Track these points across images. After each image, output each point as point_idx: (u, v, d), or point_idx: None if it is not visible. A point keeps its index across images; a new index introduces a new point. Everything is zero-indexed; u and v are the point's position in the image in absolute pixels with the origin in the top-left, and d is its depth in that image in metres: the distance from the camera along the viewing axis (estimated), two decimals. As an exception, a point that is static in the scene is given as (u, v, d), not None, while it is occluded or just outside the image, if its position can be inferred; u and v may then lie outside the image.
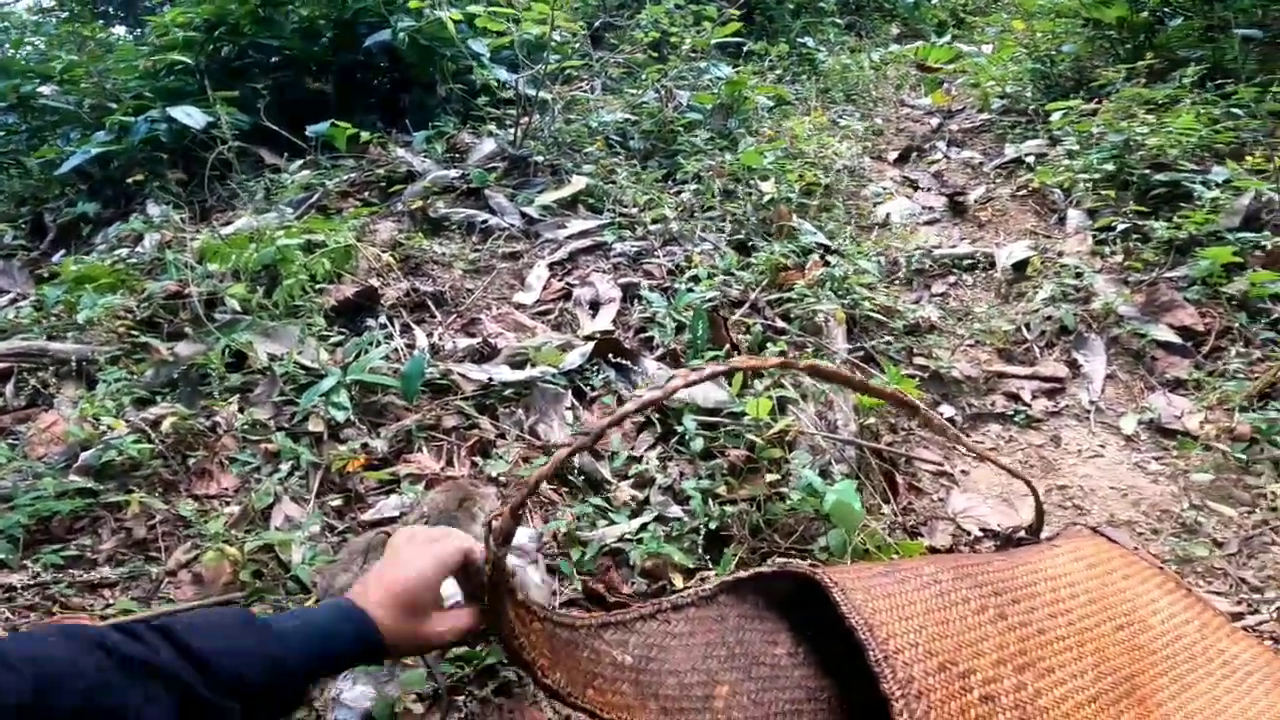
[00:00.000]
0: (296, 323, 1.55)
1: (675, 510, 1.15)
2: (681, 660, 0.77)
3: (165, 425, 1.31)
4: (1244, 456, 1.37)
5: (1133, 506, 1.36)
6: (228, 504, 1.24)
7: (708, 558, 1.10)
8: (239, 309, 1.61)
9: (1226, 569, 1.22)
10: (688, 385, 0.66)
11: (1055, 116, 2.39)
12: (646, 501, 1.17)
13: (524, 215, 1.94)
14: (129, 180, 2.61)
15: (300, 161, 2.43)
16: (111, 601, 1.07)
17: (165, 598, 1.08)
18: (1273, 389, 1.50)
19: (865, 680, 0.69)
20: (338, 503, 1.22)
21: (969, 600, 0.80)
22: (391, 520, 1.18)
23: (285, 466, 1.26)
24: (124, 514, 1.20)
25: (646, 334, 1.44)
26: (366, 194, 2.22)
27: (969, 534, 1.26)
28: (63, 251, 2.64)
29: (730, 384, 1.26)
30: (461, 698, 0.91)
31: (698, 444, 1.20)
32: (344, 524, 1.19)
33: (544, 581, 1.06)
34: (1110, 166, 2.00)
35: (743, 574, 0.84)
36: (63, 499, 1.16)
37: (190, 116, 2.36)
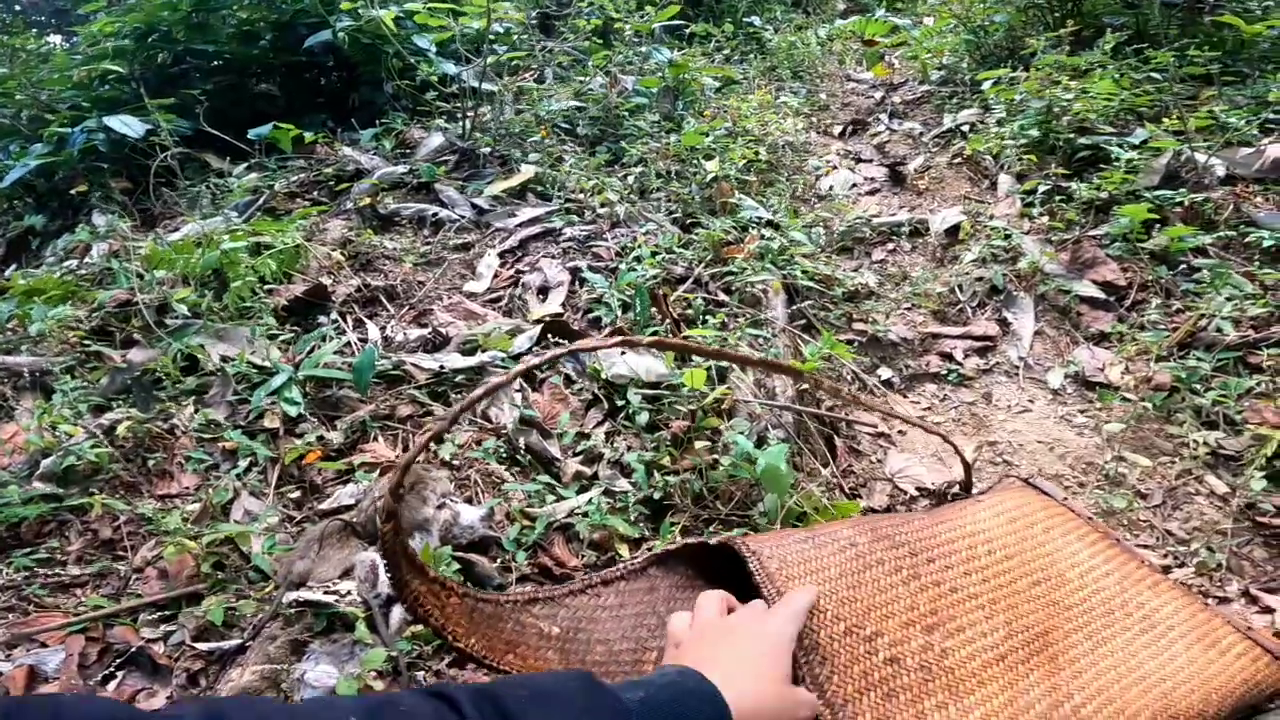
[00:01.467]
0: (247, 324, 1.56)
1: (622, 483, 1.20)
2: (611, 630, 0.80)
3: (121, 429, 1.33)
4: (1164, 406, 1.42)
5: (1059, 460, 1.42)
6: (189, 502, 1.27)
7: (652, 527, 1.15)
8: (189, 313, 1.62)
9: (1152, 521, 1.26)
10: (515, 377, 0.70)
11: (986, 85, 2.46)
12: (595, 476, 1.22)
13: (474, 206, 1.96)
14: (73, 191, 2.57)
15: (245, 165, 2.41)
16: (83, 599, 1.10)
17: (134, 593, 1.11)
18: (1192, 339, 1.57)
19: None
20: (296, 495, 1.26)
21: (884, 562, 0.82)
22: (348, 508, 1.21)
23: (243, 463, 1.29)
24: (89, 516, 1.23)
25: (593, 314, 1.48)
26: (315, 194, 2.22)
27: (905, 493, 1.32)
28: (13, 265, 2.61)
29: (664, 357, 1.31)
30: (421, 673, 0.96)
31: (642, 417, 1.25)
32: (302, 514, 1.22)
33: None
34: (1035, 132, 2.08)
35: (671, 546, 0.86)
36: (29, 504, 1.19)
37: (127, 125, 2.33)
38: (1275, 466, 1.29)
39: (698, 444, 1.18)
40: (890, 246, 1.91)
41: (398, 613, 1.01)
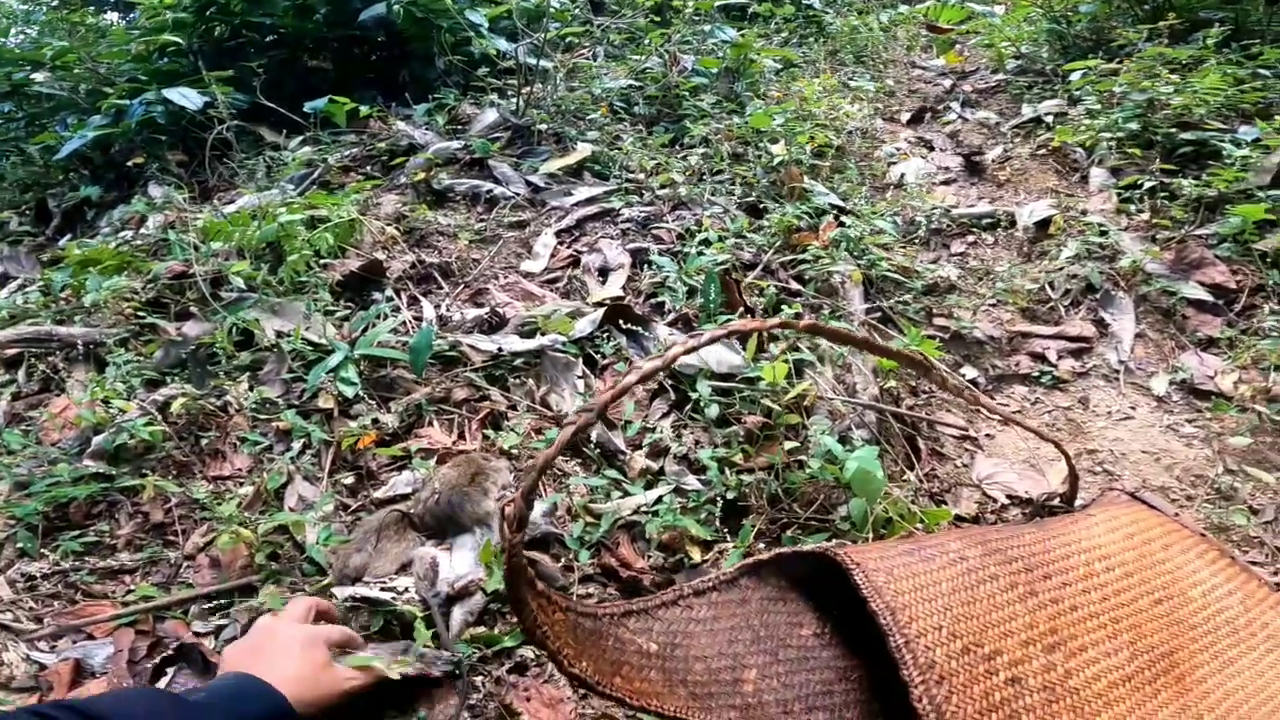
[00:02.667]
0: (302, 299, 1.52)
1: (691, 480, 1.12)
2: (707, 645, 0.75)
3: (175, 406, 1.30)
4: None
5: (1165, 471, 1.31)
6: (241, 484, 1.23)
7: (725, 529, 1.07)
8: (244, 286, 1.58)
9: (1263, 537, 1.17)
10: (688, 351, 0.62)
11: (1074, 76, 2.31)
12: (661, 472, 1.14)
13: (529, 184, 1.89)
14: (129, 163, 2.59)
15: (300, 138, 2.39)
16: (132, 588, 1.07)
17: (185, 582, 1.07)
18: None
19: (892, 660, 0.66)
20: (350, 480, 1.21)
21: (997, 577, 0.77)
22: (404, 497, 1.16)
23: (297, 445, 1.25)
24: (140, 498, 1.18)
25: (657, 299, 1.40)
26: (368, 168, 2.18)
27: (995, 501, 1.22)
28: (68, 235, 2.63)
29: (745, 348, 1.22)
30: (481, 678, 0.90)
31: (713, 411, 1.17)
32: (357, 502, 1.17)
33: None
34: (1135, 125, 1.95)
35: (763, 556, 0.82)
36: (79, 484, 1.15)
37: (185, 97, 2.32)
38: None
39: (779, 443, 1.09)
40: (971, 239, 1.79)
41: (459, 613, 0.95)
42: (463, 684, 0.87)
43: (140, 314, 1.58)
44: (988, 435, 1.30)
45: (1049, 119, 2.27)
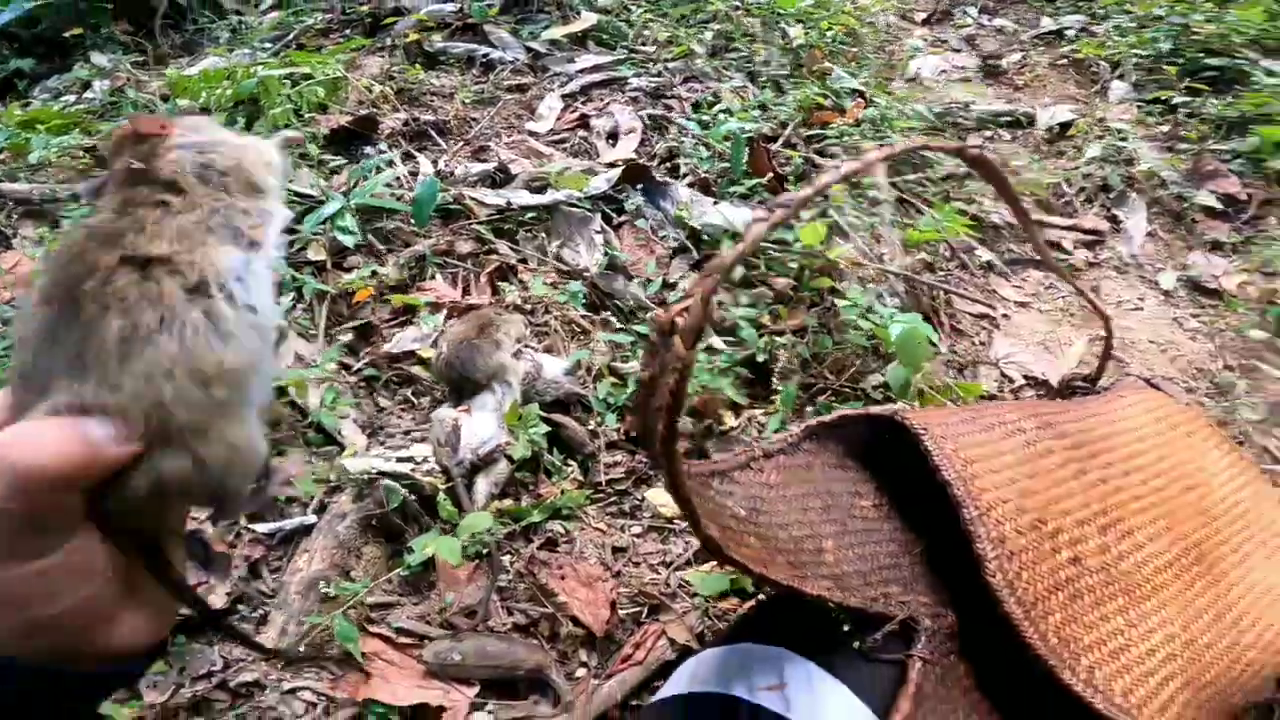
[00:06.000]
0: (287, 152, 1.39)
1: (717, 341, 1.07)
2: (784, 513, 0.70)
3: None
4: None
5: (1170, 362, 1.33)
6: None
7: (752, 393, 1.04)
8: (216, 138, 1.44)
9: (1254, 436, 1.19)
10: (885, 159, 0.55)
11: (1106, -5, 2.26)
12: (684, 330, 1.09)
13: (529, 50, 1.75)
14: (66, 35, 2.32)
15: (270, 2, 2.16)
16: None
17: None
18: None
19: (953, 535, 0.63)
20: (349, 338, 1.12)
21: (1053, 451, 0.75)
22: (411, 354, 1.08)
23: (287, 298, 1.15)
24: None
25: (670, 163, 1.32)
26: (349, 32, 1.99)
27: (1011, 381, 1.22)
28: (-1, 105, 2.38)
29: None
30: (509, 556, 0.85)
31: (737, 271, 1.11)
32: (360, 361, 1.09)
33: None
34: (1166, 45, 1.96)
35: (826, 418, 0.77)
36: None
37: None
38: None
39: (807, 307, 1.05)
40: (988, 133, 1.74)
41: (483, 485, 0.87)
42: (492, 563, 0.81)
43: (95, 171, 1.43)
44: (1004, 315, 1.29)
45: (1071, 33, 2.23)
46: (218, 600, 0.77)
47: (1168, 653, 0.66)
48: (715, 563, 0.86)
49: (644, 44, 1.78)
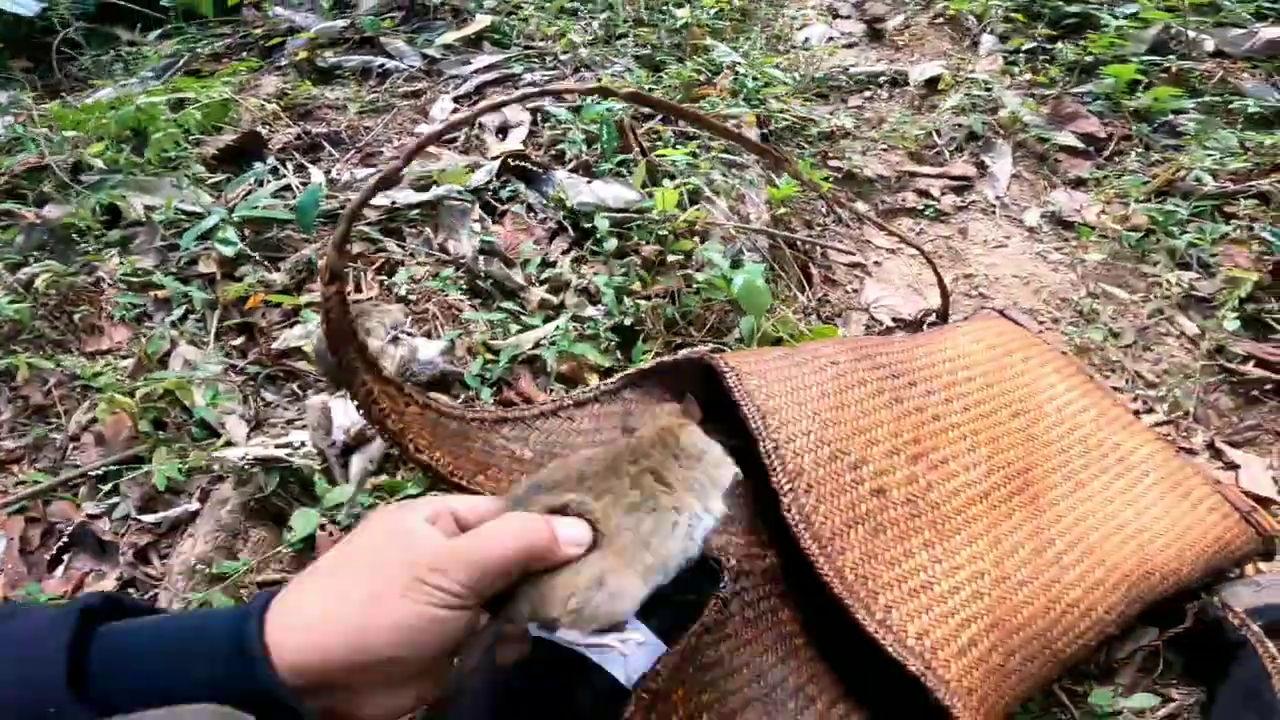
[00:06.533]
0: (173, 174, 1.42)
1: (590, 311, 1.14)
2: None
3: (41, 282, 1.22)
4: (1140, 246, 1.42)
5: (1034, 294, 1.41)
6: (123, 357, 1.17)
7: (623, 356, 1.10)
8: (106, 168, 1.46)
9: (1123, 362, 1.24)
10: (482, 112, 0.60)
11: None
12: (561, 306, 1.15)
13: (425, 56, 1.80)
14: None
15: (159, 31, 2.18)
16: (22, 477, 1.02)
17: (72, 464, 1.03)
18: (1170, 187, 1.57)
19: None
20: (239, 341, 1.17)
21: (866, 383, 0.74)
22: (297, 350, 1.13)
23: (178, 311, 1.19)
24: (15, 379, 1.11)
25: (557, 149, 1.39)
26: (244, 55, 2.01)
27: (880, 325, 1.30)
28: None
29: (632, 183, 1.23)
30: None
31: (611, 244, 1.18)
32: (248, 360, 1.14)
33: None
34: None
35: (644, 366, 0.78)
36: None
37: (18, 4, 2.06)
38: (1246, 311, 1.29)
39: (674, 269, 1.12)
40: (868, 94, 1.83)
41: (358, 462, 0.92)
42: None
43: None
44: (875, 263, 1.37)
45: None
46: (109, 585, 0.82)
47: (973, 590, 0.63)
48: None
49: (537, 39, 1.83)
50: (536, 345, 1.09)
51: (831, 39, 2.06)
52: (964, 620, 0.61)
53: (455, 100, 1.63)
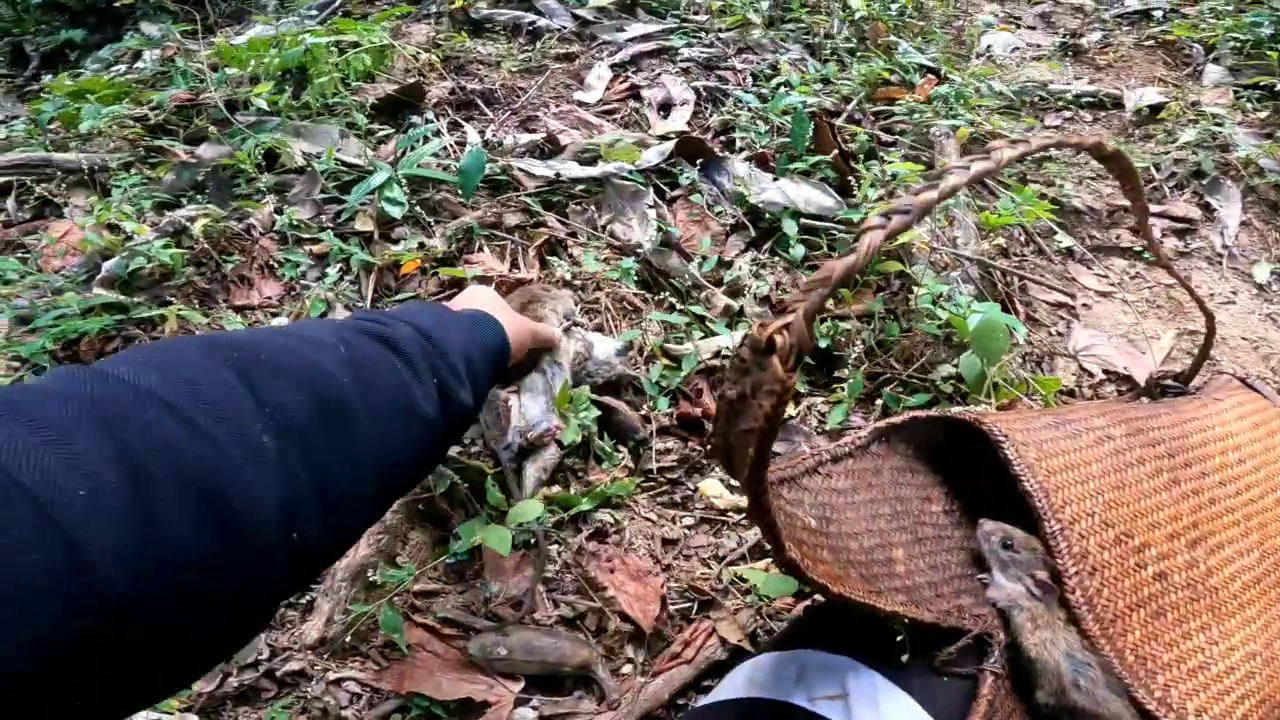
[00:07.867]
0: (332, 121, 1.36)
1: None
2: (853, 521, 0.68)
3: (197, 227, 1.15)
4: None
5: (1263, 361, 1.22)
6: (274, 315, 1.11)
7: (812, 382, 0.98)
8: (266, 109, 1.41)
9: None
10: (1019, 158, 0.45)
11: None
12: (741, 313, 1.03)
13: (576, 17, 1.70)
14: (117, 3, 2.34)
15: (314, -33, 2.14)
16: None
17: None
18: None
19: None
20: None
21: (1144, 462, 0.71)
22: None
23: (334, 270, 1.12)
24: (160, 330, 1.04)
25: (725, 136, 1.26)
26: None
27: (1091, 375, 1.13)
28: (49, 76, 2.42)
29: (828, 189, 1.09)
30: (556, 546, 0.81)
31: (798, 251, 1.05)
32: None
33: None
34: (1268, 30, 1.81)
35: (895, 419, 0.73)
36: (89, 316, 0.99)
37: None
38: None
39: (874, 291, 0.98)
40: (1068, 114, 1.63)
41: (531, 470, 0.82)
42: (539, 553, 0.78)
43: (146, 139, 1.42)
44: (1084, 305, 1.20)
45: (1159, 13, 2.09)
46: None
47: (1246, 670, 0.64)
48: (773, 561, 0.81)
49: (695, 12, 1.70)
50: (718, 355, 0.97)
51: (1017, 49, 1.85)
52: (1238, 698, 0.62)
53: (612, 68, 1.52)
